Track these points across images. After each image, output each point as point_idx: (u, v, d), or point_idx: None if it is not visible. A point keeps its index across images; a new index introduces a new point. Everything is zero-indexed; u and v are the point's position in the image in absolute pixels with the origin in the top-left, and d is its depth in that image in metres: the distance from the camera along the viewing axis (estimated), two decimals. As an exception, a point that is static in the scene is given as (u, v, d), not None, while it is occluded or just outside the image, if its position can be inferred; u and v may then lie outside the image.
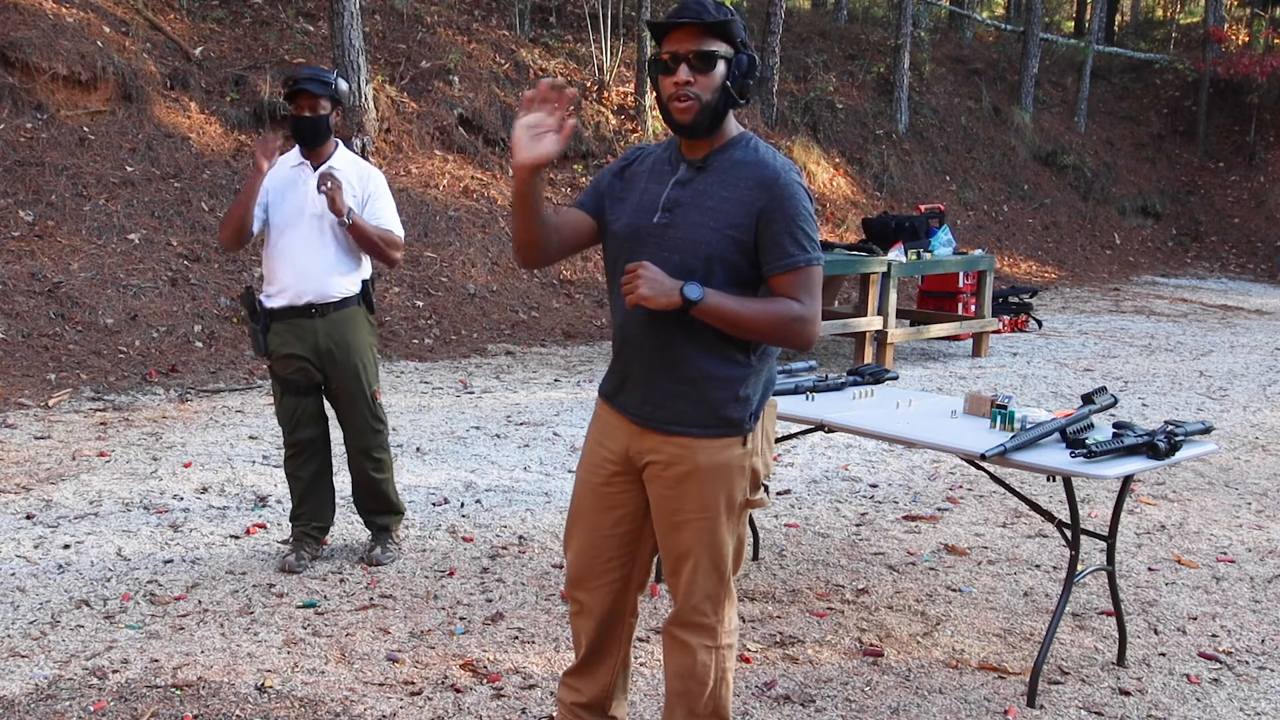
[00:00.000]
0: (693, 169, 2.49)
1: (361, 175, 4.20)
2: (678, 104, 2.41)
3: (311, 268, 4.10)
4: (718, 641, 2.59)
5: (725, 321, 2.38)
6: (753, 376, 2.50)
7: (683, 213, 2.45)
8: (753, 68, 2.45)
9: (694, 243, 2.42)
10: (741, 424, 2.49)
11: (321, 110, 4.09)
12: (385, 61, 11.67)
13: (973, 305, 10.14)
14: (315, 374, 4.21)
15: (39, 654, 3.44)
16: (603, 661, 2.76)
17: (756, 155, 2.47)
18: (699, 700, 2.62)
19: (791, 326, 2.40)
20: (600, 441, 2.62)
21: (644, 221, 2.49)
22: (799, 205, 2.42)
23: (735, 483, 2.51)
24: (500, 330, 9.63)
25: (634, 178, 2.59)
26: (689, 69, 2.39)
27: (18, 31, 9.23)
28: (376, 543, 4.38)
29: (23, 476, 5.21)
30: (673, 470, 2.49)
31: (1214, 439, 6.33)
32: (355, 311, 4.20)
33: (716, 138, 2.49)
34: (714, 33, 2.41)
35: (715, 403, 2.47)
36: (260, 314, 4.16)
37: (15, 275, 7.85)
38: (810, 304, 2.43)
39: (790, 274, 2.42)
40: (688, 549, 2.53)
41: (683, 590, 2.56)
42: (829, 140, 15.76)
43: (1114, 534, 3.59)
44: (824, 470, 5.95)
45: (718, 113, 2.44)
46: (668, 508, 2.53)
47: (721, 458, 2.48)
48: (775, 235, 2.40)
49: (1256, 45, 21.70)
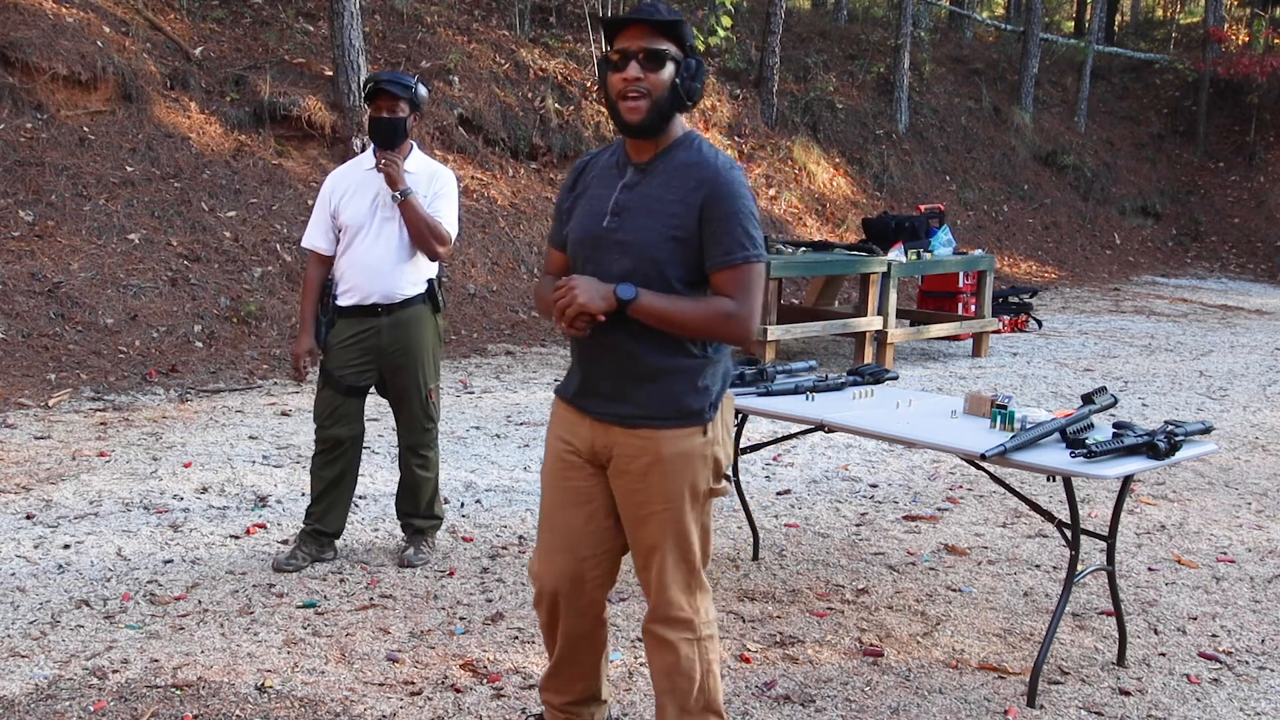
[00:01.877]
0: (639, 172, 2.54)
1: (432, 174, 4.25)
2: (627, 102, 2.45)
3: (380, 269, 4.13)
4: (698, 634, 2.62)
5: (660, 320, 2.45)
6: (709, 367, 2.56)
7: (630, 216, 2.50)
8: (700, 71, 2.50)
9: (641, 245, 2.47)
10: (702, 414, 2.54)
11: (400, 112, 4.14)
12: (385, 61, 11.67)
13: (973, 305, 10.14)
14: (367, 377, 4.23)
15: (39, 654, 3.44)
16: (583, 659, 2.79)
17: (700, 155, 2.51)
18: (689, 696, 2.63)
19: (725, 324, 2.46)
20: (563, 439, 2.66)
21: (594, 226, 2.54)
22: (739, 203, 2.46)
23: (699, 471, 2.55)
24: (500, 330, 9.63)
25: (585, 187, 2.64)
26: (639, 66, 2.44)
27: (18, 31, 9.23)
28: (411, 544, 4.38)
29: (23, 476, 5.21)
30: (637, 463, 2.54)
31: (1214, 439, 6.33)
32: (420, 310, 4.23)
33: (662, 139, 2.53)
34: (664, 33, 2.46)
35: (676, 394, 2.52)
36: (330, 308, 4.21)
37: (15, 275, 7.85)
38: (745, 300, 2.46)
39: (728, 271, 2.46)
40: (656, 541, 2.56)
41: (655, 585, 2.59)
42: (829, 140, 15.76)
43: (1114, 534, 3.59)
44: (824, 470, 5.95)
45: (665, 113, 2.48)
46: (634, 501, 2.57)
47: (684, 447, 2.52)
48: (715, 233, 2.45)
49: (1256, 45, 21.69)
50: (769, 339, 8.32)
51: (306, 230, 4.29)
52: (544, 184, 12.04)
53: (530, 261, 10.78)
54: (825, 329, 8.90)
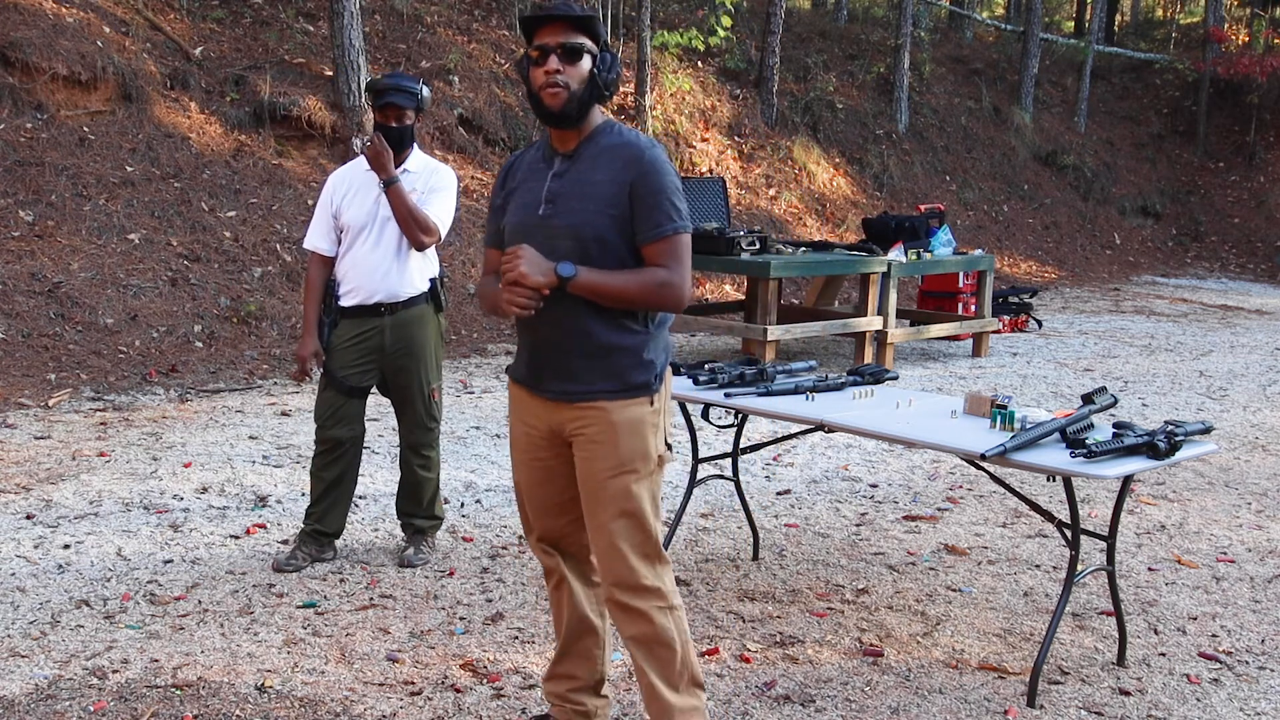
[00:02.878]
0: (566, 159, 2.66)
1: (429, 171, 4.26)
2: (547, 91, 2.57)
3: (384, 269, 4.14)
4: (669, 602, 2.68)
5: (600, 294, 2.56)
6: (651, 342, 2.67)
7: (564, 201, 2.62)
8: (615, 65, 2.64)
9: (578, 226, 2.58)
10: (648, 385, 2.66)
11: (407, 120, 4.17)
12: (385, 61, 11.67)
13: (973, 305, 10.14)
14: (369, 378, 4.23)
15: (39, 654, 3.44)
16: (587, 635, 2.88)
17: (622, 138, 2.65)
18: (673, 668, 2.68)
19: (660, 292, 2.58)
20: (524, 421, 2.78)
21: (530, 215, 2.66)
22: (665, 179, 2.59)
23: (648, 437, 2.66)
24: (500, 330, 9.63)
25: (516, 183, 2.75)
26: (558, 59, 2.56)
27: (18, 31, 9.23)
28: (411, 544, 4.38)
29: (23, 476, 5.21)
30: (591, 430, 2.64)
31: (1214, 439, 6.33)
32: (423, 310, 4.24)
33: (584, 128, 2.65)
34: (579, 28, 2.58)
35: (622, 369, 2.63)
36: (332, 309, 4.22)
37: (15, 275, 7.85)
38: (677, 269, 2.59)
39: (658, 243, 2.59)
40: (612, 506, 2.63)
41: (612, 553, 2.65)
42: (829, 140, 15.76)
43: (1114, 534, 3.59)
44: (824, 470, 5.95)
45: (584, 103, 2.60)
46: (589, 470, 2.65)
47: (634, 414, 2.64)
48: (644, 208, 2.58)
49: (1256, 45, 21.70)
50: (769, 339, 8.32)
51: (308, 232, 4.29)
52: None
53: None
54: (825, 329, 8.90)
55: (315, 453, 4.29)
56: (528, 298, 2.53)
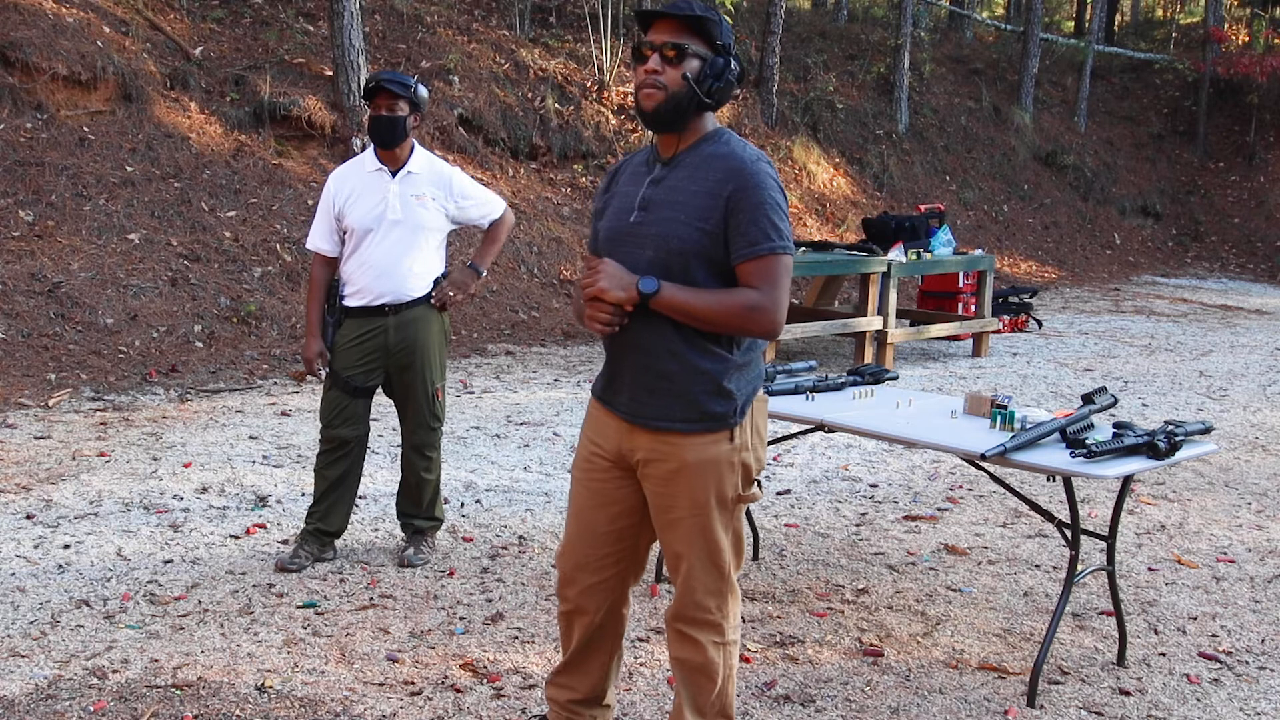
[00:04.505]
0: (666, 166, 2.53)
1: (441, 178, 4.26)
2: (644, 91, 2.46)
3: (390, 272, 4.14)
4: (725, 638, 2.60)
5: (683, 313, 2.42)
6: (734, 370, 2.51)
7: (656, 210, 2.48)
8: (727, 72, 2.47)
9: (667, 238, 2.44)
10: (726, 418, 2.49)
11: (399, 111, 4.12)
12: (385, 61, 11.67)
13: (973, 305, 10.14)
14: (374, 378, 4.23)
15: (39, 654, 3.44)
16: (595, 655, 2.79)
17: (728, 148, 2.49)
18: (707, 697, 2.62)
19: (749, 315, 2.41)
20: (593, 439, 2.65)
21: (622, 222, 2.53)
22: (766, 194, 2.43)
23: (725, 478, 2.51)
24: (500, 330, 9.63)
25: (617, 188, 2.63)
26: (660, 59, 2.44)
27: (18, 31, 9.23)
28: (411, 544, 4.38)
29: (23, 476, 5.21)
30: (663, 468, 2.51)
31: (1214, 439, 6.33)
32: (427, 309, 4.24)
33: (688, 134, 2.52)
34: (692, 28, 2.45)
35: (697, 397, 2.47)
36: (336, 309, 4.22)
37: (15, 275, 7.85)
38: (770, 292, 2.42)
39: (753, 262, 2.42)
40: (684, 546, 2.54)
41: (683, 586, 2.58)
42: (829, 140, 15.75)
43: (1114, 534, 3.59)
44: (824, 470, 5.95)
45: (681, 107, 2.46)
46: (661, 505, 2.55)
47: (709, 454, 2.49)
48: (741, 224, 2.42)
49: (1256, 45, 21.69)
50: (769, 339, 8.31)
51: (310, 233, 4.29)
52: (544, 184, 12.04)
53: (530, 261, 10.78)
54: (825, 329, 8.90)
55: (320, 451, 4.30)
56: (609, 314, 2.43)
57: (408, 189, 4.16)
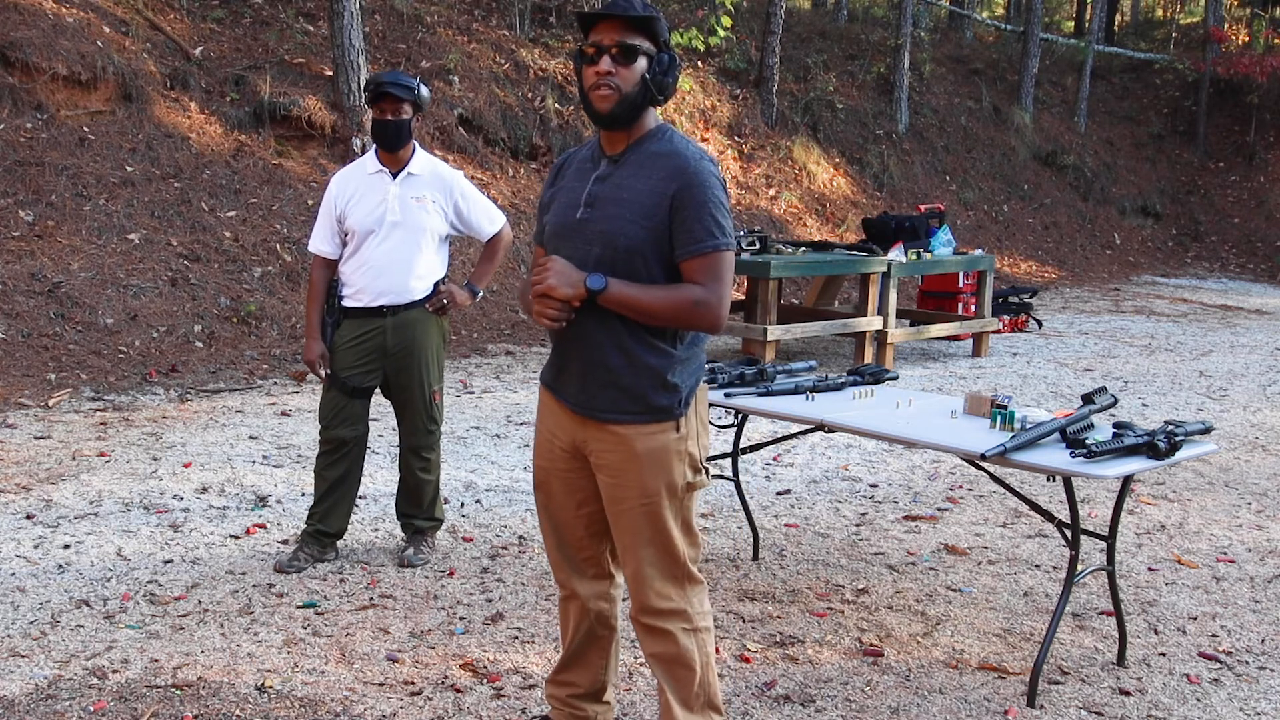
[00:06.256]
0: (612, 163, 2.57)
1: (443, 182, 4.25)
2: (597, 93, 2.49)
3: (390, 272, 4.14)
4: (694, 624, 2.63)
5: (630, 309, 2.47)
6: (678, 364, 2.56)
7: (601, 206, 2.53)
8: (673, 66, 2.53)
9: (612, 235, 2.49)
10: (671, 410, 2.55)
11: (404, 114, 4.12)
12: (385, 61, 11.67)
13: (973, 305, 10.14)
14: (372, 379, 4.23)
15: (39, 654, 3.44)
16: (594, 646, 2.83)
17: (671, 145, 2.54)
18: (690, 688, 2.63)
19: (695, 311, 2.46)
20: (549, 428, 2.71)
21: (569, 218, 2.58)
22: (709, 193, 2.48)
23: (674, 467, 2.57)
24: (500, 330, 9.63)
25: (563, 182, 2.67)
26: (611, 60, 2.48)
27: (18, 31, 9.23)
28: (411, 544, 4.38)
29: (23, 476, 5.21)
30: (612, 458, 2.57)
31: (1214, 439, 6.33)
32: (424, 311, 4.24)
33: (634, 131, 2.56)
34: (638, 28, 2.50)
35: (644, 391, 2.53)
36: (335, 309, 4.22)
37: (15, 275, 7.85)
38: (714, 288, 2.47)
39: (697, 259, 2.47)
40: (634, 535, 2.58)
41: (637, 577, 2.61)
42: (829, 140, 15.75)
43: (1114, 534, 3.59)
44: (824, 470, 5.95)
45: (635, 105, 2.51)
46: (612, 496, 2.60)
47: (658, 443, 2.55)
48: (685, 221, 2.47)
49: (1256, 45, 21.70)
50: (769, 339, 8.32)
51: (312, 235, 4.29)
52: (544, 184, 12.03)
53: (530, 261, 10.78)
54: (825, 329, 8.90)
55: (319, 452, 4.30)
56: (557, 310, 2.46)
57: (408, 191, 4.16)
